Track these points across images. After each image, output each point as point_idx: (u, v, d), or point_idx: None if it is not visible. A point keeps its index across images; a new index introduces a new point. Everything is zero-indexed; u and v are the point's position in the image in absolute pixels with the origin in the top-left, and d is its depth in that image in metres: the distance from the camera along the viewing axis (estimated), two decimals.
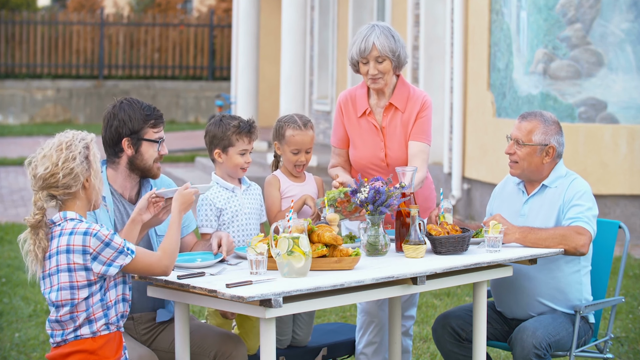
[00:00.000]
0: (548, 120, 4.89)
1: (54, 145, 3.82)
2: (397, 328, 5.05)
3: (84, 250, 3.76)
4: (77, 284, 3.80)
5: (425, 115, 5.13)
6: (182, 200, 4.10)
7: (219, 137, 4.74)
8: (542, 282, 4.87)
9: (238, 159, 4.75)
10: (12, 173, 16.56)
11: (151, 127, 4.41)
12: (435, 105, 12.72)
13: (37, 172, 3.80)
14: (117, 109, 4.40)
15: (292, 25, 13.44)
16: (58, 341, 3.86)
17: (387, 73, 5.03)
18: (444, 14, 12.37)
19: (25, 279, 8.37)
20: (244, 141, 4.74)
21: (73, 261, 3.78)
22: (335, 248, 4.27)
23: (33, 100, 25.00)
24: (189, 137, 21.28)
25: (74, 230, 3.79)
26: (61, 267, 3.79)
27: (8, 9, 27.29)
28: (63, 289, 3.81)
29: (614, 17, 10.14)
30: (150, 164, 4.42)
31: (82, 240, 3.76)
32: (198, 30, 26.51)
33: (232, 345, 4.36)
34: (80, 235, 3.77)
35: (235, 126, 4.72)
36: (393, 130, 5.11)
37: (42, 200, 3.81)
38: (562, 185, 4.88)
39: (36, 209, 3.80)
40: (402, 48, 5.03)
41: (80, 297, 3.80)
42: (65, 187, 3.80)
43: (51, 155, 3.79)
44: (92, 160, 3.85)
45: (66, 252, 3.78)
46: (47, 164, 3.78)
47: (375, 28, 5.00)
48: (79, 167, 3.81)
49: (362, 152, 5.15)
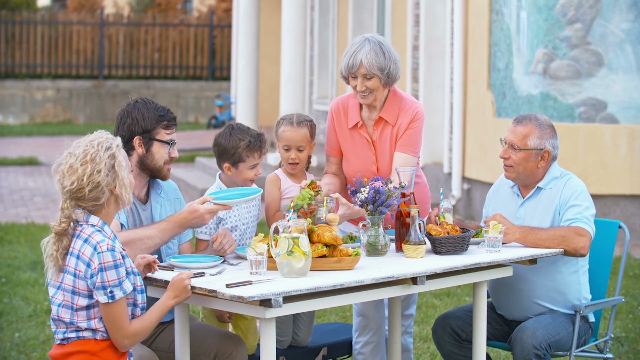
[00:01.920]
0: (543, 124, 4.86)
1: (80, 156, 3.79)
2: (397, 328, 5.05)
3: (88, 263, 3.76)
4: (78, 290, 3.79)
5: (415, 127, 4.99)
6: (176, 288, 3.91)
7: (230, 153, 4.70)
8: (540, 284, 4.86)
9: (248, 173, 4.74)
10: (12, 173, 16.56)
11: (164, 128, 4.44)
12: (435, 105, 12.73)
13: (64, 185, 3.79)
14: (131, 107, 4.44)
15: (292, 25, 13.43)
16: (61, 338, 3.86)
17: (376, 89, 4.91)
18: (444, 14, 12.36)
19: (25, 279, 8.37)
20: (254, 157, 4.71)
21: (78, 268, 3.78)
22: (335, 248, 4.27)
23: (33, 100, 25.00)
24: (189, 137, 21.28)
25: (88, 239, 3.78)
26: (69, 269, 3.81)
27: (8, 9, 27.29)
28: (65, 291, 3.82)
29: (614, 17, 10.14)
30: (160, 165, 4.44)
31: (90, 253, 3.76)
32: (198, 30, 26.51)
33: (232, 345, 4.36)
34: (91, 247, 3.76)
35: (246, 144, 4.68)
36: (384, 144, 5.03)
37: (70, 209, 3.80)
38: (557, 186, 4.87)
39: (63, 217, 3.80)
40: (394, 64, 4.88)
41: (79, 304, 3.79)
42: (94, 200, 3.80)
43: (77, 169, 3.77)
44: (117, 170, 3.81)
45: (76, 257, 3.79)
46: (73, 178, 3.77)
47: (366, 43, 4.86)
48: (105, 180, 3.79)
49: (354, 166, 5.08)
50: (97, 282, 3.74)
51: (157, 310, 3.88)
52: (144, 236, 4.27)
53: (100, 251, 3.74)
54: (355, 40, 4.93)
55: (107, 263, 3.74)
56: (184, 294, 3.90)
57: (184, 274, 3.93)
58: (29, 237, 10.40)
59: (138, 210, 4.47)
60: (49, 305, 7.46)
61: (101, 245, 3.75)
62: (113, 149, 3.83)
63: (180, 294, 3.90)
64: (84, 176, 3.76)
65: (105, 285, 3.74)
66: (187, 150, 18.86)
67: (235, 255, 4.53)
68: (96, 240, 3.76)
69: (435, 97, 12.76)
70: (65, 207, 3.81)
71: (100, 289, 3.74)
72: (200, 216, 4.30)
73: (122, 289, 3.76)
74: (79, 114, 25.30)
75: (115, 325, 3.78)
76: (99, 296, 3.74)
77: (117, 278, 3.75)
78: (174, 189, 4.67)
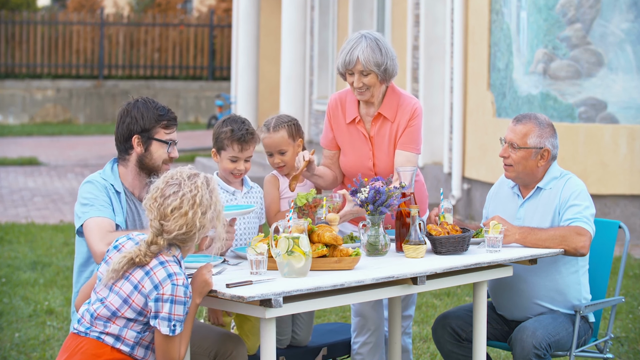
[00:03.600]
0: (542, 123, 4.86)
1: (186, 198, 3.74)
2: (397, 328, 5.05)
3: (156, 286, 3.73)
4: (132, 302, 3.76)
5: (415, 124, 5.00)
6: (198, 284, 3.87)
7: (215, 137, 4.77)
8: (540, 285, 4.86)
9: (227, 163, 4.74)
10: (12, 173, 16.56)
11: (163, 127, 4.43)
12: (435, 105, 12.73)
13: (170, 229, 3.74)
14: (131, 106, 4.44)
15: (292, 25, 13.44)
16: (81, 330, 3.83)
17: (373, 86, 4.91)
18: (444, 14, 12.36)
19: (25, 279, 8.37)
20: (233, 148, 4.72)
21: (143, 284, 3.75)
22: (335, 248, 4.27)
23: (33, 100, 25.01)
24: (189, 137, 21.29)
25: (165, 263, 3.75)
26: (132, 280, 3.77)
27: (8, 9, 27.29)
28: (119, 295, 3.78)
29: (614, 17, 10.14)
30: (158, 164, 4.44)
31: (162, 278, 3.72)
32: (198, 30, 26.51)
33: (232, 345, 4.36)
34: (165, 272, 3.73)
35: (229, 130, 4.72)
36: (381, 140, 5.04)
37: (161, 246, 3.77)
38: (557, 186, 4.87)
39: (150, 252, 3.76)
40: (391, 60, 4.88)
41: (124, 314, 3.77)
42: (193, 240, 3.81)
43: (186, 213, 3.74)
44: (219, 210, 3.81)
45: (145, 273, 3.75)
46: (180, 222, 3.74)
47: (363, 40, 4.87)
48: (210, 222, 3.79)
49: (351, 160, 5.09)
50: (163, 311, 3.71)
51: (190, 317, 3.86)
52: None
53: (175, 283, 3.71)
54: (352, 37, 4.94)
55: (178, 297, 3.71)
56: (207, 288, 3.87)
57: (202, 268, 3.90)
58: (29, 237, 10.40)
59: (138, 210, 4.47)
60: (49, 305, 7.46)
61: (178, 277, 3.72)
62: (212, 186, 3.81)
63: (203, 289, 3.86)
64: (196, 220, 3.74)
65: (170, 318, 3.72)
66: (187, 150, 18.88)
67: (235, 255, 4.53)
68: (173, 270, 3.73)
69: (435, 97, 12.76)
70: (155, 242, 3.76)
71: (165, 320, 3.72)
72: None
73: (182, 326, 3.77)
74: (79, 114, 25.30)
75: (168, 356, 3.78)
76: (162, 327, 3.72)
77: (182, 314, 3.74)
78: None
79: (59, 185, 15.29)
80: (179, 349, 3.80)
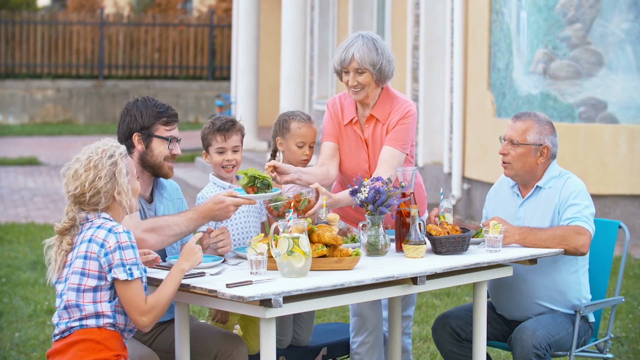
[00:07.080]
0: (542, 120, 4.87)
1: (84, 162, 3.92)
2: (397, 328, 5.05)
3: (102, 243, 3.84)
4: (88, 271, 3.85)
5: (405, 123, 4.96)
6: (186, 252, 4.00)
7: (202, 139, 4.83)
8: (540, 285, 4.86)
9: (216, 157, 4.78)
10: (12, 173, 16.56)
11: (163, 124, 4.47)
12: (435, 105, 12.73)
13: (68, 190, 3.94)
14: (131, 105, 4.50)
15: (292, 25, 13.43)
16: (63, 330, 3.88)
17: (368, 85, 4.91)
18: (444, 14, 12.36)
19: (25, 279, 8.38)
20: (217, 140, 4.75)
21: (90, 250, 3.85)
22: (335, 248, 4.27)
23: (33, 100, 25.00)
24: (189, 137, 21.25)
25: (101, 225, 3.88)
26: (79, 254, 3.87)
27: (8, 9, 27.28)
28: (74, 273, 3.87)
29: (614, 17, 10.14)
30: (160, 161, 4.47)
31: (104, 235, 3.85)
32: (198, 30, 26.51)
33: (233, 345, 4.37)
34: (104, 230, 3.86)
35: (210, 124, 4.79)
36: (376, 143, 5.03)
37: (74, 211, 3.93)
38: (557, 186, 4.87)
39: (67, 219, 3.94)
40: (387, 61, 4.88)
41: (87, 285, 3.84)
42: (94, 204, 3.92)
43: (80, 175, 3.90)
44: (117, 177, 3.92)
45: (87, 242, 3.86)
46: (76, 183, 3.91)
47: (360, 39, 4.89)
48: (105, 187, 3.90)
49: (347, 162, 5.09)
50: (115, 260, 3.82)
51: (170, 278, 3.93)
52: (172, 223, 4.32)
53: (116, 232, 3.85)
54: (350, 36, 4.97)
55: (124, 242, 3.83)
56: (194, 256, 3.96)
57: (191, 239, 4.03)
58: (29, 237, 10.41)
59: (144, 209, 4.49)
60: (49, 305, 7.46)
61: (117, 227, 3.87)
62: (116, 157, 3.94)
63: (190, 257, 3.96)
64: (86, 182, 3.89)
65: (124, 263, 3.82)
66: (187, 150, 18.87)
67: (235, 255, 4.53)
68: (111, 225, 3.88)
69: (435, 97, 12.76)
70: (70, 210, 3.94)
71: (119, 266, 3.82)
72: (225, 207, 4.33)
73: (139, 269, 3.85)
74: (79, 114, 25.29)
75: (133, 304, 3.84)
76: (118, 273, 3.82)
77: (134, 257, 3.85)
78: (176, 189, 4.69)
79: (59, 185, 15.21)
80: (144, 298, 3.85)
